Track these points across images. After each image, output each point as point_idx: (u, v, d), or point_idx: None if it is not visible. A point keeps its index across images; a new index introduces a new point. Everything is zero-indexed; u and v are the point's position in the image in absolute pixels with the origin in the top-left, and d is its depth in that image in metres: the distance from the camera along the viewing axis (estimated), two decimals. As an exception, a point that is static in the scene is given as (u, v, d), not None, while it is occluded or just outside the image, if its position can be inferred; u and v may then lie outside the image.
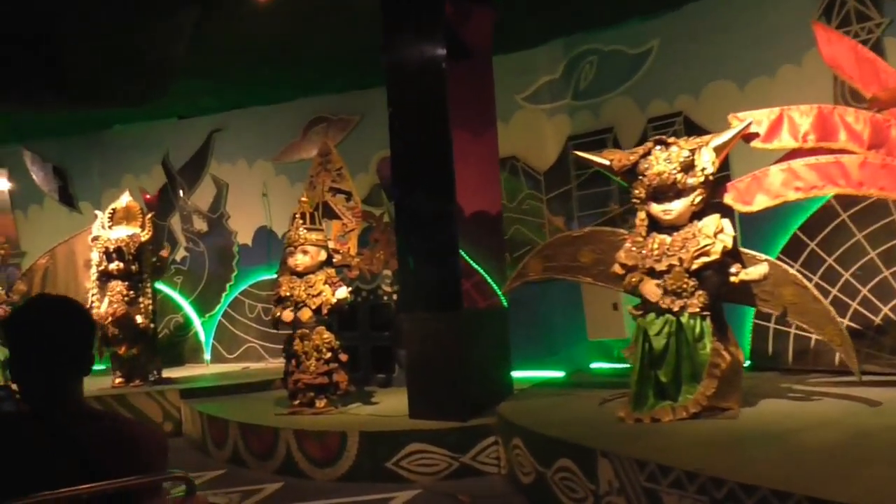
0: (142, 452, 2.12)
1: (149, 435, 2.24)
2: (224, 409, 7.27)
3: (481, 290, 6.25)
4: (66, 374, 2.13)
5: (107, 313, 8.41)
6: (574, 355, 8.00)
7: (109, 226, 8.62)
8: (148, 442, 2.19)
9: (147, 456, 2.13)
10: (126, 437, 2.14)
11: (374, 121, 9.55)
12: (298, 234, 6.88)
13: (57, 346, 2.11)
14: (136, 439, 2.15)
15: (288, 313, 6.78)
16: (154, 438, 2.25)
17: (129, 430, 2.18)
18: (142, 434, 2.20)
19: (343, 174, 7.76)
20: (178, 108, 10.58)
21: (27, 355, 2.11)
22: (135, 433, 2.18)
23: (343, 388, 6.85)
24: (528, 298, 7.03)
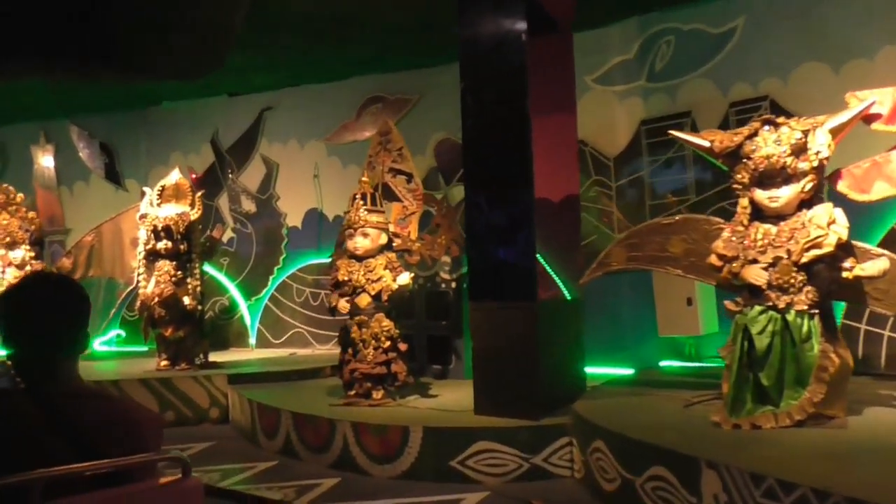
0: (137, 431, 2.13)
1: (144, 414, 2.26)
2: (274, 397, 6.94)
3: (542, 282, 5.83)
4: (62, 352, 2.13)
5: (153, 293, 8.12)
6: (642, 352, 7.56)
7: (158, 203, 8.31)
8: (143, 421, 2.20)
9: (142, 435, 2.13)
10: (121, 415, 2.14)
11: (433, 101, 9.22)
12: (358, 215, 6.52)
13: (52, 325, 2.11)
14: (131, 418, 2.16)
15: (343, 303, 6.43)
16: (149, 418, 2.27)
17: (124, 409, 2.19)
18: (137, 413, 2.22)
19: (404, 154, 7.39)
20: (229, 84, 10.24)
21: (23, 333, 2.11)
22: (130, 412, 2.19)
23: (401, 380, 6.49)
24: (595, 291, 6.62)
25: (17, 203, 9.07)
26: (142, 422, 2.19)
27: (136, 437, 2.12)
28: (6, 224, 8.91)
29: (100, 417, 2.07)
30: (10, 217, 8.98)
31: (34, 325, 2.12)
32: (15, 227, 8.94)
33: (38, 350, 2.11)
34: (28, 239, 8.99)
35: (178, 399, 7.71)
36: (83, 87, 10.13)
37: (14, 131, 11.70)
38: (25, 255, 8.94)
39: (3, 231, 8.89)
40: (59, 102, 10.76)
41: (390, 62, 9.29)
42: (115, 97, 10.62)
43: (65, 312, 2.16)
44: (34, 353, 2.11)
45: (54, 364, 2.11)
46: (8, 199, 9.05)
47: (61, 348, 2.13)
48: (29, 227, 9.04)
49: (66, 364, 2.14)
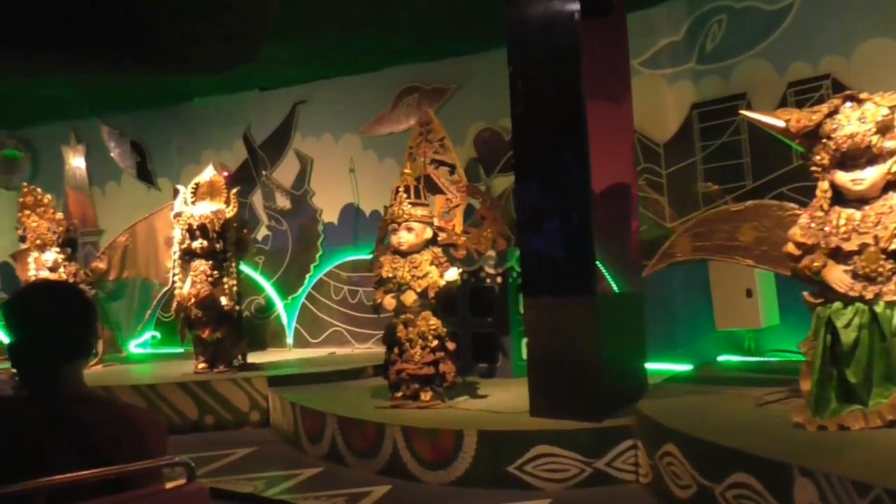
0: (141, 437, 2.14)
1: (148, 419, 2.27)
2: (317, 400, 6.69)
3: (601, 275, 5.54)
4: (66, 358, 2.14)
5: (189, 294, 7.89)
6: (698, 347, 7.24)
7: (192, 201, 8.08)
8: (147, 426, 2.21)
9: (147, 440, 2.15)
10: (126, 421, 2.16)
11: (472, 90, 8.94)
12: (402, 209, 6.23)
13: (56, 331, 2.14)
14: (135, 424, 2.17)
15: (389, 300, 6.15)
16: (153, 423, 2.28)
17: (128, 415, 2.20)
18: (141, 419, 2.23)
19: (446, 145, 7.12)
20: (261, 78, 10.01)
21: (27, 340, 2.13)
22: (135, 418, 2.20)
23: (450, 380, 6.22)
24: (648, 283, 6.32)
25: (45, 204, 8.88)
26: (145, 427, 2.21)
27: (141, 442, 2.13)
28: (35, 226, 8.73)
29: (104, 423, 2.09)
30: (38, 219, 8.78)
31: (38, 332, 2.14)
32: (44, 229, 8.75)
33: (42, 356, 2.13)
34: (56, 241, 8.79)
35: (218, 402, 7.48)
36: (114, 85, 9.96)
37: (44, 132, 11.57)
38: (57, 257, 8.75)
39: (34, 233, 8.71)
40: (89, 101, 10.60)
41: (427, 51, 9.01)
42: (146, 94, 10.43)
43: (69, 319, 2.18)
44: (38, 359, 2.13)
45: (59, 370, 2.13)
46: (36, 201, 8.86)
47: (66, 354, 2.15)
48: (57, 228, 8.84)
49: (71, 370, 2.16)
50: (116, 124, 11.19)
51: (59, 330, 2.16)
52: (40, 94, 10.25)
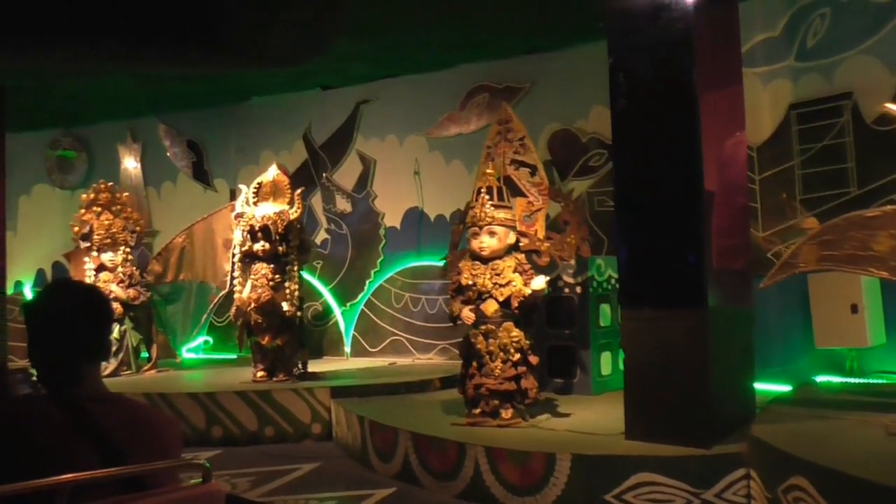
0: (158, 436, 2.16)
1: (164, 419, 2.31)
2: (387, 414, 6.28)
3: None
4: (83, 358, 2.16)
5: (249, 299, 7.54)
6: (794, 366, 6.70)
7: (255, 202, 7.73)
8: (164, 426, 2.23)
9: (164, 440, 2.17)
10: (143, 420, 2.18)
11: (546, 90, 8.50)
12: (485, 211, 5.80)
13: (74, 330, 2.16)
14: (152, 423, 2.19)
15: (468, 313, 5.71)
16: (169, 423, 2.31)
17: (145, 414, 2.23)
18: (159, 418, 2.27)
19: (526, 144, 6.62)
20: (323, 76, 9.67)
21: (46, 339, 2.15)
22: (151, 417, 2.23)
23: (532, 397, 5.75)
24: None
25: (122, 202, 8.60)
26: (162, 427, 2.24)
27: (158, 441, 2.15)
28: (108, 224, 8.44)
29: (122, 422, 2.10)
30: (113, 217, 8.50)
31: (57, 331, 2.16)
32: (118, 227, 8.46)
33: (61, 355, 2.15)
34: (133, 241, 8.51)
35: (278, 413, 7.10)
36: (173, 82, 9.68)
37: (100, 130, 11.35)
38: (116, 257, 8.45)
39: (105, 232, 8.41)
40: (146, 99, 10.33)
41: (500, 48, 8.58)
42: (204, 93, 10.14)
43: (87, 319, 2.20)
44: (57, 358, 2.15)
45: (77, 369, 2.15)
46: (112, 199, 8.58)
47: (84, 353, 2.17)
48: (134, 227, 8.56)
49: (89, 369, 2.18)
50: (173, 123, 10.93)
51: (77, 329, 2.18)
52: (97, 93, 10.02)
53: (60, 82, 9.49)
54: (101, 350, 2.23)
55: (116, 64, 7.64)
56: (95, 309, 2.25)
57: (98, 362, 2.23)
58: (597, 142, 8.21)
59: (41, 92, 9.85)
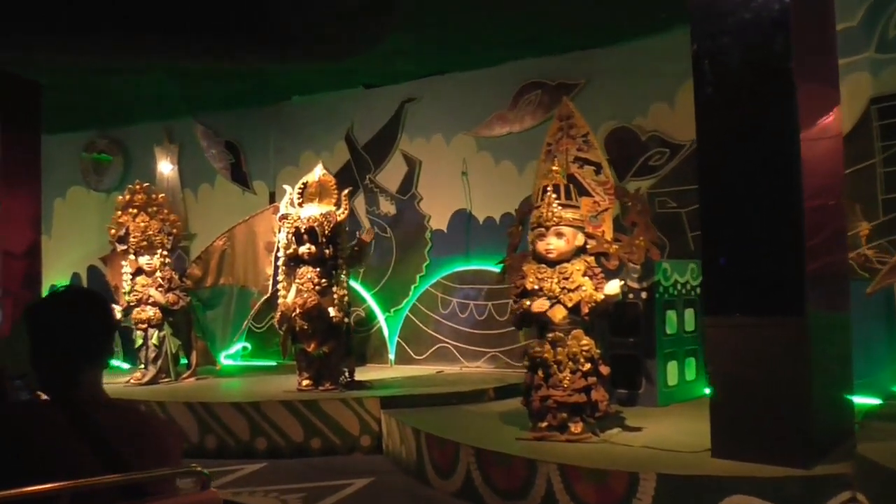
0: (159, 442, 2.17)
1: (165, 425, 2.41)
2: (445, 426, 5.92)
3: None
4: (85, 363, 2.16)
5: (294, 304, 7.21)
6: (877, 377, 6.26)
7: (300, 202, 7.41)
8: (164, 432, 2.25)
9: (164, 446, 2.17)
10: (144, 426, 2.19)
11: (602, 86, 8.13)
12: (552, 211, 5.42)
13: (75, 336, 2.16)
14: (153, 429, 2.20)
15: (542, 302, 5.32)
16: (170, 429, 2.35)
17: (146, 420, 2.27)
18: (158, 424, 2.32)
19: (590, 141, 6.26)
20: (367, 74, 9.35)
21: (47, 345, 2.15)
22: (152, 423, 2.27)
23: (602, 410, 5.37)
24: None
25: (158, 203, 8.31)
26: (163, 433, 2.23)
27: (159, 447, 2.15)
28: (144, 227, 8.15)
29: (123, 427, 2.09)
30: (149, 219, 8.20)
31: (58, 337, 2.15)
32: (154, 229, 8.17)
33: (61, 361, 2.14)
34: (170, 243, 8.22)
35: (326, 424, 6.76)
36: (211, 81, 9.41)
37: (136, 132, 11.10)
38: (155, 261, 8.16)
39: (141, 234, 8.12)
40: (184, 99, 10.07)
41: (551, 43, 8.23)
42: (243, 92, 9.86)
43: (88, 323, 2.19)
44: (58, 363, 2.14)
45: (78, 375, 2.14)
46: (148, 200, 8.29)
47: (85, 359, 2.16)
48: (171, 230, 8.27)
49: (90, 375, 2.17)
50: (211, 123, 10.65)
51: (78, 335, 2.17)
52: (134, 92, 9.79)
53: (97, 80, 9.25)
54: (102, 355, 2.23)
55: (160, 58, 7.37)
56: (97, 314, 2.24)
57: (99, 368, 2.22)
58: (657, 140, 7.82)
59: (77, 90, 9.62)
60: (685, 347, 7.01)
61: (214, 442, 6.78)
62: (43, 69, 8.92)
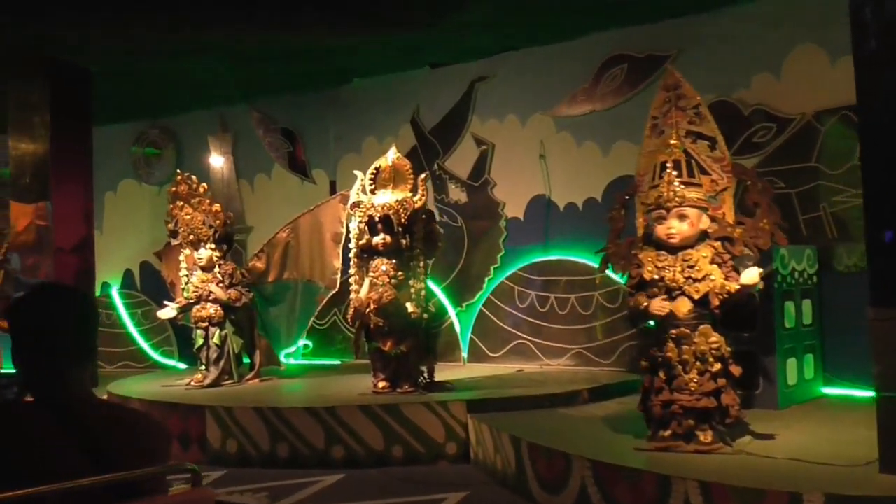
0: (147, 441, 2.14)
1: (153, 424, 2.26)
2: (547, 434, 5.31)
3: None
4: (69, 362, 2.13)
5: (368, 299, 6.63)
6: None
7: (372, 189, 6.83)
8: (153, 431, 2.21)
9: (153, 445, 2.15)
10: (131, 425, 2.16)
11: (697, 57, 7.43)
12: (673, 190, 4.77)
13: (59, 335, 2.12)
14: (141, 428, 2.17)
15: (660, 303, 4.69)
16: (158, 428, 2.26)
17: (133, 419, 2.23)
18: (146, 423, 2.24)
19: (702, 113, 5.58)
20: (434, 52, 8.73)
21: (31, 344, 2.12)
22: (140, 422, 2.22)
23: (733, 415, 4.71)
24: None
25: (200, 194, 7.76)
26: (151, 431, 2.20)
27: (147, 446, 2.12)
28: (189, 219, 7.61)
29: (112, 427, 2.07)
30: (192, 211, 7.66)
31: (42, 336, 2.11)
32: (198, 222, 7.63)
33: (46, 361, 2.10)
34: (212, 236, 7.67)
35: (408, 430, 6.17)
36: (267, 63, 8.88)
37: (189, 121, 10.63)
38: (212, 254, 7.63)
39: (187, 227, 7.59)
40: (238, 84, 9.54)
41: (639, 11, 7.53)
42: (300, 76, 9.32)
43: (72, 322, 2.15)
44: (43, 363, 2.10)
45: (63, 374, 2.10)
46: (190, 190, 7.76)
47: (69, 358, 2.13)
48: (213, 222, 7.72)
49: (75, 374, 2.13)
50: (267, 110, 10.12)
51: (62, 333, 2.13)
52: (187, 77, 9.29)
53: (149, 65, 8.77)
54: (87, 354, 2.20)
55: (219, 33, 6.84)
56: (82, 312, 2.20)
57: (85, 366, 2.18)
58: (763, 114, 7.09)
59: (128, 77, 9.17)
60: (804, 343, 6.33)
61: (287, 450, 6.22)
62: (94, 54, 8.45)
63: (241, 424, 6.34)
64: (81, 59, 8.65)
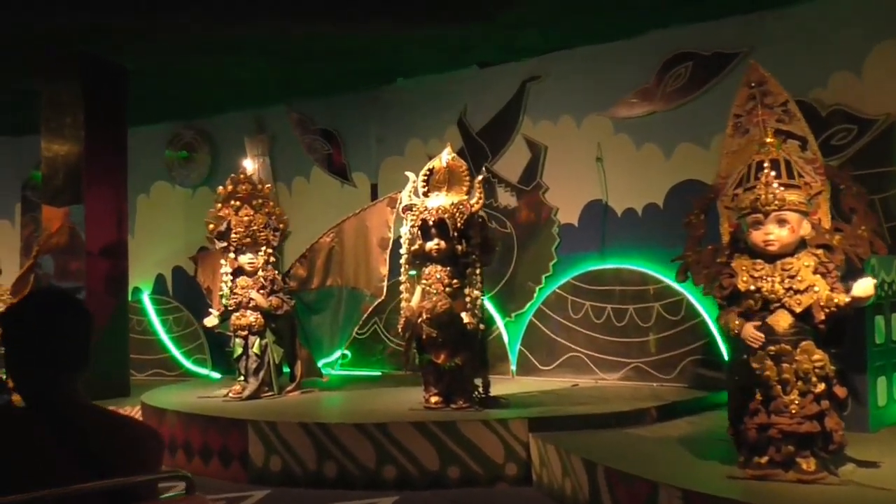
0: (140, 448, 2.15)
1: (147, 432, 2.28)
2: (621, 457, 4.89)
3: None
4: (62, 369, 2.13)
5: (420, 308, 6.24)
6: None
7: (425, 192, 6.44)
8: (145, 438, 2.22)
9: (145, 451, 2.16)
10: (124, 432, 2.16)
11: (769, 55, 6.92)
12: (772, 193, 4.34)
13: (52, 342, 2.12)
14: (133, 435, 2.18)
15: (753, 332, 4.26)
16: (151, 435, 2.27)
17: (126, 426, 2.22)
18: (139, 430, 2.26)
19: (791, 111, 5.18)
20: (483, 51, 8.35)
21: (23, 351, 2.13)
22: (132, 428, 2.23)
23: (837, 441, 4.28)
24: None
25: (263, 195, 7.41)
26: (144, 438, 2.20)
27: (139, 453, 2.13)
28: (248, 221, 7.23)
29: (104, 434, 2.08)
30: (253, 213, 7.29)
31: (34, 343, 2.12)
32: (259, 224, 7.26)
33: (39, 368, 2.11)
34: (276, 240, 7.33)
35: (465, 450, 5.76)
36: (307, 62, 8.55)
37: (225, 122, 10.31)
38: (257, 259, 7.25)
39: (245, 229, 7.21)
40: (276, 83, 9.23)
41: (705, 7, 7.11)
42: (340, 75, 8.97)
43: (65, 329, 2.15)
44: (36, 370, 2.11)
45: (56, 380, 2.11)
46: (254, 191, 7.40)
47: (62, 365, 2.13)
48: (277, 224, 7.38)
49: (69, 380, 2.13)
50: (305, 111, 9.77)
51: (55, 340, 2.13)
52: (223, 76, 8.96)
53: (186, 62, 8.46)
54: (80, 360, 2.17)
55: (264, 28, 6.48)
56: (75, 318, 2.19)
57: (78, 373, 2.16)
58: (842, 115, 6.65)
59: (163, 75, 8.88)
60: (893, 360, 5.86)
61: (335, 469, 5.82)
62: (129, 50, 8.13)
63: (286, 441, 5.95)
64: (117, 56, 8.32)
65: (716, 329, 7.12)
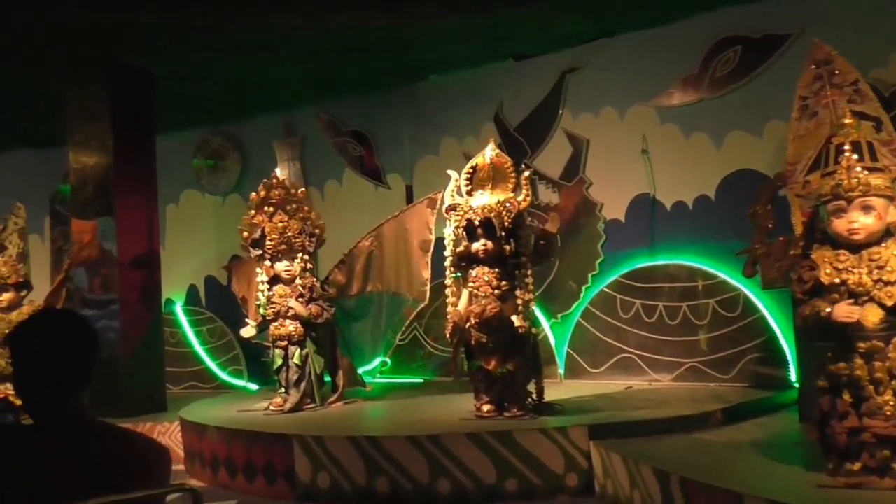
0: (148, 463, 2.17)
1: (154, 448, 2.28)
2: (695, 465, 4.59)
3: None
4: (69, 386, 2.14)
5: (468, 312, 5.95)
6: None
7: (468, 190, 6.17)
8: (153, 453, 2.23)
9: (153, 467, 2.18)
10: (132, 447, 2.19)
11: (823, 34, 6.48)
12: (856, 177, 4.02)
13: (59, 359, 2.14)
14: (141, 450, 2.20)
15: (846, 308, 3.93)
16: (158, 450, 2.28)
17: (133, 441, 2.25)
18: (146, 445, 2.27)
19: (862, 91, 4.94)
20: (519, 42, 8.05)
21: (31, 368, 2.15)
22: (140, 444, 2.25)
23: (935, 445, 3.94)
24: None
25: (298, 200, 7.17)
26: (151, 454, 2.21)
27: (148, 468, 2.14)
28: (283, 227, 6.98)
29: (112, 450, 2.10)
30: (288, 218, 7.05)
31: (42, 361, 2.13)
32: (295, 230, 7.01)
33: (46, 384, 2.11)
34: (312, 246, 7.10)
35: (522, 461, 5.47)
36: (336, 59, 8.29)
37: (254, 126, 10.07)
38: (297, 266, 7.00)
39: (279, 236, 6.96)
40: (305, 83, 8.99)
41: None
42: (373, 71, 8.68)
43: (73, 346, 2.17)
44: (43, 387, 2.12)
45: (63, 398, 2.12)
46: (287, 196, 7.16)
47: (70, 382, 2.14)
48: (313, 230, 7.14)
49: (74, 398, 2.14)
50: (336, 112, 9.52)
51: (63, 357, 2.14)
52: (252, 79, 8.74)
53: (213, 65, 8.24)
54: (87, 378, 2.18)
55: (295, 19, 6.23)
56: (82, 337, 2.20)
57: (85, 390, 2.17)
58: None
59: (191, 80, 8.64)
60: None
61: (387, 485, 5.55)
62: (156, 52, 7.91)
63: (334, 456, 5.69)
64: (144, 60, 8.11)
65: (776, 325, 6.81)
